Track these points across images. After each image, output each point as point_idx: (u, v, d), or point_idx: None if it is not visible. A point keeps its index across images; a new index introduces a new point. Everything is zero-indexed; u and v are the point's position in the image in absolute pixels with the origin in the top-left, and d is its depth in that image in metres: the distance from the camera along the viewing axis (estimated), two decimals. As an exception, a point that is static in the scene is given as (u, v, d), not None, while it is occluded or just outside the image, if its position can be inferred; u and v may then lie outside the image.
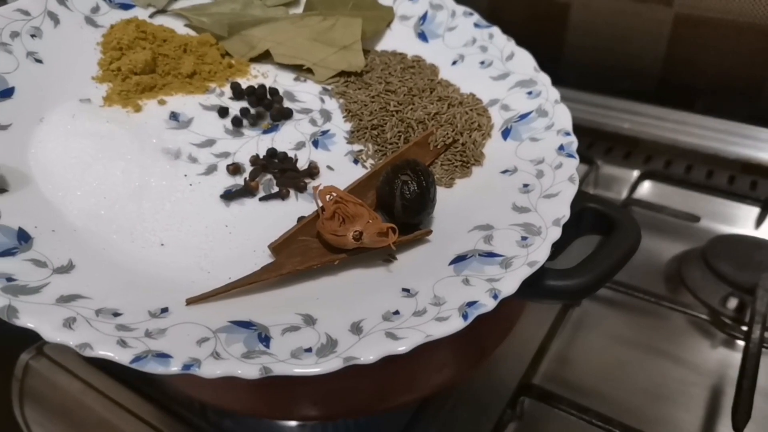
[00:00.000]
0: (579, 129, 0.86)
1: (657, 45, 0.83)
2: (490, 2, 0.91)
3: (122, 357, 0.26)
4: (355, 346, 0.27)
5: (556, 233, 0.32)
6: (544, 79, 0.45)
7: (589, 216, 0.38)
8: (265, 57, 0.51)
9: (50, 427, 0.54)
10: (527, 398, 0.49)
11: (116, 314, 0.28)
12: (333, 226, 0.32)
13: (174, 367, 0.26)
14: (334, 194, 0.33)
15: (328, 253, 0.32)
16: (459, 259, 0.32)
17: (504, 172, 0.38)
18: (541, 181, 0.36)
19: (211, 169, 0.38)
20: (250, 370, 0.26)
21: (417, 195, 0.33)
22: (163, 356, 0.26)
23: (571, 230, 0.39)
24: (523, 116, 0.42)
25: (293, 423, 0.49)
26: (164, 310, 0.29)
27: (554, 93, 0.44)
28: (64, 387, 0.53)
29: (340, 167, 0.40)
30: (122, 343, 0.27)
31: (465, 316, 0.28)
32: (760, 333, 0.51)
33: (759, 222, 0.72)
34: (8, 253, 0.29)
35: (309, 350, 0.27)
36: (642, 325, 0.58)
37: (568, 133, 0.39)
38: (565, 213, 0.33)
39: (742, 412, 0.45)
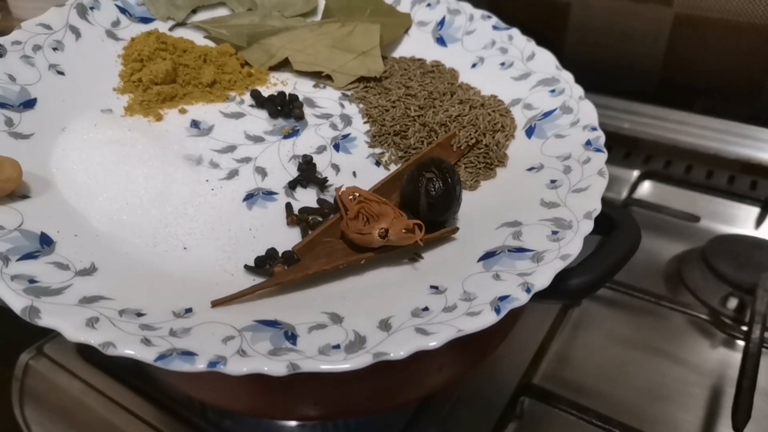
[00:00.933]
0: (579, 129, 0.87)
1: (657, 45, 0.83)
2: (490, 3, 0.91)
3: (146, 355, 0.26)
4: (384, 342, 0.26)
5: (588, 226, 0.32)
6: (567, 76, 0.45)
7: (589, 216, 0.38)
8: (284, 65, 0.51)
9: (50, 427, 0.54)
10: (527, 398, 0.49)
11: (140, 314, 0.28)
12: (358, 226, 0.32)
13: (200, 365, 0.26)
14: (357, 194, 0.33)
15: (354, 253, 0.32)
16: (488, 255, 0.31)
17: (530, 169, 0.38)
18: (569, 177, 0.36)
19: (233, 174, 0.38)
20: (277, 367, 0.26)
21: (443, 192, 0.33)
22: (188, 354, 0.26)
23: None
24: (546, 114, 0.41)
25: (293, 423, 0.49)
26: (188, 310, 0.29)
27: (578, 90, 0.44)
28: (64, 387, 0.53)
29: (363, 170, 0.40)
30: (146, 341, 0.26)
31: (498, 310, 0.28)
32: (760, 333, 0.51)
33: (759, 222, 0.72)
34: (30, 256, 0.29)
35: (337, 347, 0.26)
36: (642, 325, 0.58)
37: (594, 128, 0.40)
38: (596, 206, 0.33)
39: (742, 412, 0.46)
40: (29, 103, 0.39)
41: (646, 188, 0.78)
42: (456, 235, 0.34)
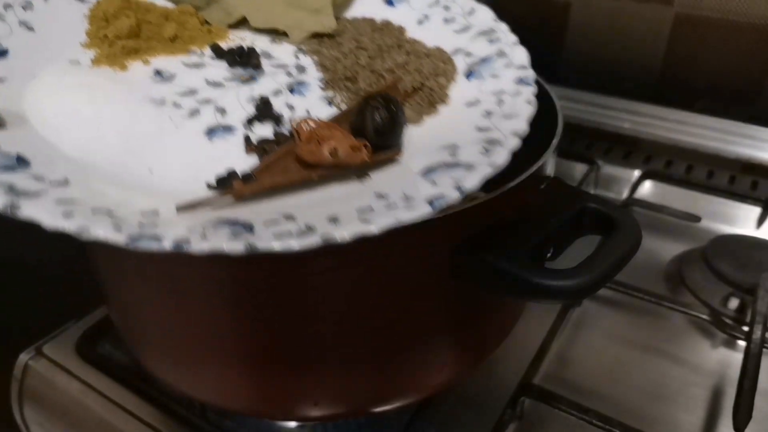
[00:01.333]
0: (579, 129, 0.87)
1: (657, 45, 0.83)
2: (490, 3, 0.91)
3: (117, 238, 0.28)
4: (330, 228, 0.30)
5: (515, 142, 0.36)
6: (503, 27, 0.49)
7: (590, 216, 0.39)
8: (242, 23, 0.53)
9: (49, 428, 0.54)
10: (527, 398, 0.49)
11: (111, 212, 0.31)
12: (310, 147, 0.35)
13: (166, 244, 0.28)
14: (311, 123, 0.37)
15: (308, 172, 0.35)
16: (427, 170, 0.35)
17: (468, 104, 0.42)
18: (502, 108, 0.40)
19: (194, 113, 0.41)
20: (236, 246, 0.28)
21: (387, 118, 0.36)
22: (155, 237, 0.29)
23: (572, 231, 0.39)
24: (484, 59, 0.46)
25: (293, 423, 0.49)
26: (155, 212, 0.32)
27: (512, 37, 0.48)
28: (63, 387, 0.53)
29: (316, 109, 0.43)
30: (117, 227, 0.29)
31: (432, 204, 0.31)
32: (761, 333, 0.51)
33: (760, 222, 0.72)
34: (9, 169, 0.32)
35: (290, 234, 0.30)
36: (642, 325, 0.58)
37: (524, 67, 0.44)
38: (523, 127, 0.37)
39: (743, 413, 0.46)
40: (1, 53, 0.42)
41: (646, 188, 0.78)
42: (400, 158, 0.38)
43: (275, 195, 0.34)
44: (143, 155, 0.37)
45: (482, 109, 0.41)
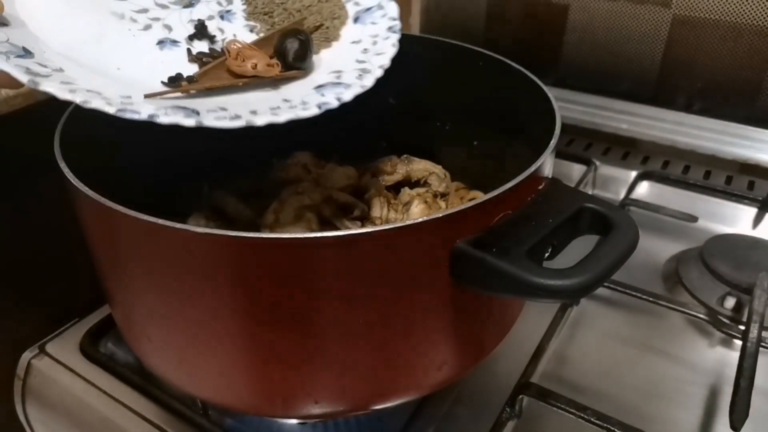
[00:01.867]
0: (577, 130, 0.88)
1: (655, 46, 0.83)
2: (489, 5, 0.91)
3: (110, 109, 0.37)
4: (250, 116, 0.41)
5: (380, 72, 0.48)
6: None
7: (587, 216, 0.39)
8: None
9: (53, 426, 0.54)
10: (526, 397, 0.50)
11: (99, 93, 0.40)
12: (237, 62, 0.47)
13: (143, 116, 0.38)
14: (238, 44, 0.49)
15: (235, 78, 0.47)
16: (319, 86, 0.47)
17: (352, 42, 0.53)
18: (374, 47, 0.52)
19: (147, 27, 0.51)
20: (189, 122, 0.38)
21: (301, 48, 0.49)
22: (135, 111, 0.38)
23: (570, 230, 0.39)
24: (367, 9, 0.56)
25: (294, 421, 0.50)
26: (128, 97, 0.41)
27: None
28: (66, 386, 0.53)
29: (240, 35, 0.54)
30: (108, 103, 0.38)
31: (319, 107, 0.43)
32: (757, 332, 0.52)
33: (756, 222, 0.72)
34: (20, 56, 0.40)
35: (224, 118, 0.41)
36: (640, 324, 0.59)
37: (395, 18, 0.54)
38: (386, 63, 0.49)
39: (739, 411, 0.46)
40: None
41: (644, 188, 0.78)
42: (301, 76, 0.49)
43: (211, 94, 0.46)
44: (111, 56, 0.47)
45: (361, 47, 0.53)
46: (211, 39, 0.54)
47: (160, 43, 0.52)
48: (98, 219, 0.38)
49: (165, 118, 0.39)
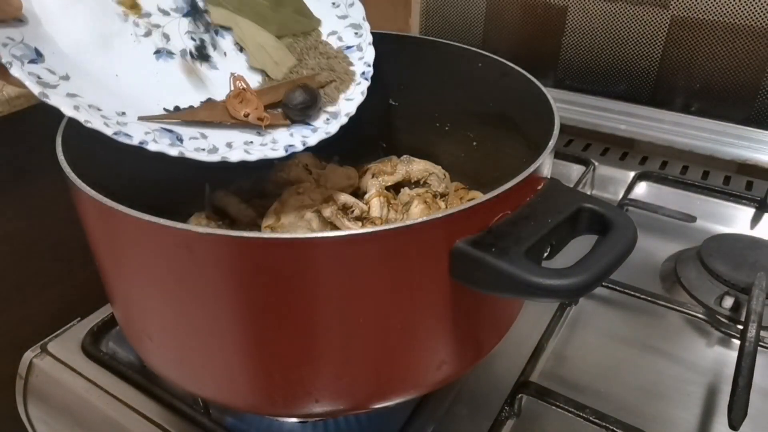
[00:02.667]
0: (576, 131, 0.88)
1: (653, 47, 0.84)
2: (489, 6, 0.91)
3: (107, 131, 0.41)
4: (226, 152, 0.46)
5: (345, 120, 0.53)
6: (367, 26, 0.60)
7: (585, 216, 0.39)
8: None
9: (54, 425, 0.54)
10: (525, 395, 0.50)
11: (98, 109, 0.43)
12: (234, 103, 0.51)
13: (135, 142, 0.42)
14: (242, 84, 0.52)
15: (228, 117, 0.50)
16: (291, 128, 0.52)
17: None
18: (345, 93, 0.56)
19: (148, 34, 0.53)
20: (173, 151, 0.43)
21: (308, 102, 0.52)
22: (128, 135, 0.42)
23: (568, 230, 0.39)
24: (348, 47, 0.59)
25: (294, 420, 0.50)
26: (123, 113, 0.45)
27: (369, 37, 0.59)
28: (67, 385, 0.53)
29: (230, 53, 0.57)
30: (106, 125, 0.42)
31: (286, 150, 0.49)
32: (755, 331, 0.52)
33: (754, 222, 0.72)
34: (33, 62, 0.42)
35: (203, 150, 0.46)
36: (638, 323, 0.59)
37: (369, 65, 0.57)
38: (352, 111, 0.54)
39: (738, 410, 0.46)
40: None
41: (642, 188, 0.78)
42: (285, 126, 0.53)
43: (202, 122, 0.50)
44: (112, 62, 0.49)
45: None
46: (208, 59, 0.56)
47: (157, 52, 0.53)
48: (100, 219, 0.38)
49: (153, 146, 0.43)
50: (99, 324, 0.58)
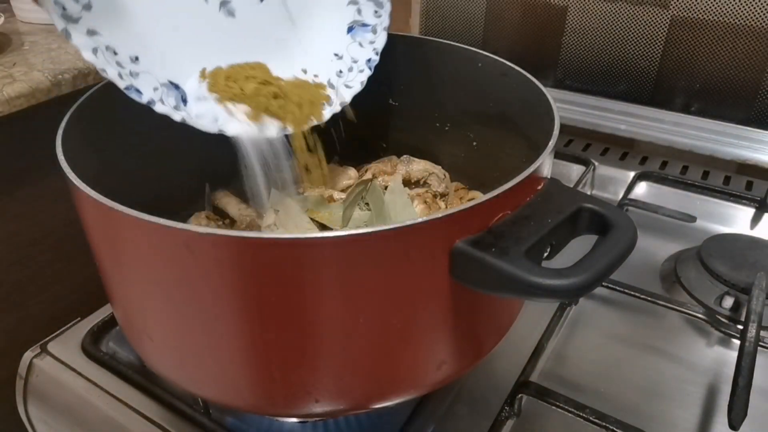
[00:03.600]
0: (576, 131, 0.88)
1: (653, 47, 0.84)
2: (489, 6, 0.91)
3: (121, 84, 0.43)
4: (225, 124, 0.48)
5: (338, 108, 0.53)
6: (389, 9, 0.57)
7: (585, 216, 0.39)
8: None
9: (54, 425, 0.54)
10: (525, 395, 0.50)
11: (115, 53, 0.44)
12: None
13: (144, 100, 0.43)
14: None
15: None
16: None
17: (335, 55, 0.57)
18: (348, 75, 0.56)
19: None
20: (176, 116, 0.45)
21: None
22: (138, 92, 0.43)
23: (568, 230, 0.39)
24: (363, 25, 0.57)
25: (294, 419, 0.50)
26: (137, 59, 0.45)
27: (387, 21, 0.57)
28: (68, 385, 0.53)
29: None
30: (120, 76, 0.43)
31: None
32: (755, 331, 0.52)
33: (754, 222, 0.73)
34: None
35: (204, 118, 0.47)
36: (638, 323, 0.59)
37: (377, 53, 0.56)
38: (347, 101, 0.54)
39: (738, 410, 0.46)
40: None
41: (642, 188, 0.78)
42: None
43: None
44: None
45: (338, 67, 0.56)
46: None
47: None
48: (100, 219, 0.38)
49: (159, 107, 0.45)
50: (99, 324, 0.58)
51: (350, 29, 0.55)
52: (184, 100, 0.47)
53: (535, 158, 0.40)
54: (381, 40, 0.57)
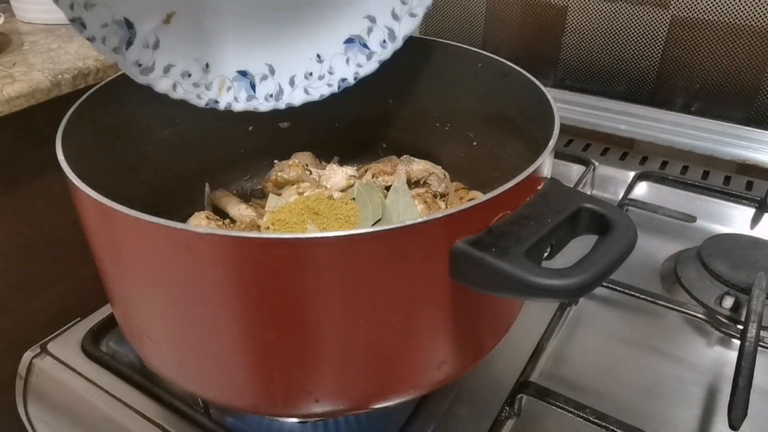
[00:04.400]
0: (576, 131, 0.88)
1: (653, 47, 0.84)
2: (489, 6, 0.91)
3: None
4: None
5: (400, 43, 0.54)
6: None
7: (585, 216, 0.39)
8: None
9: (54, 425, 0.54)
10: (525, 395, 0.50)
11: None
12: None
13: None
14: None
15: None
16: (349, 41, 0.52)
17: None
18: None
19: None
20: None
21: None
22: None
23: (568, 230, 0.39)
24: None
25: (294, 420, 0.50)
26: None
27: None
28: (67, 385, 0.53)
29: None
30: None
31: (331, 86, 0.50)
32: (755, 331, 0.52)
33: (754, 222, 0.72)
34: None
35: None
36: (638, 323, 0.59)
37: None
38: (411, 29, 0.54)
39: (738, 410, 0.46)
40: None
41: (642, 188, 0.78)
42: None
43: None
44: None
45: None
46: None
47: None
48: (99, 219, 0.38)
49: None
50: (99, 324, 0.58)
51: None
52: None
53: (535, 158, 0.40)
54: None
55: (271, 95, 0.47)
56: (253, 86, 0.47)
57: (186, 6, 0.48)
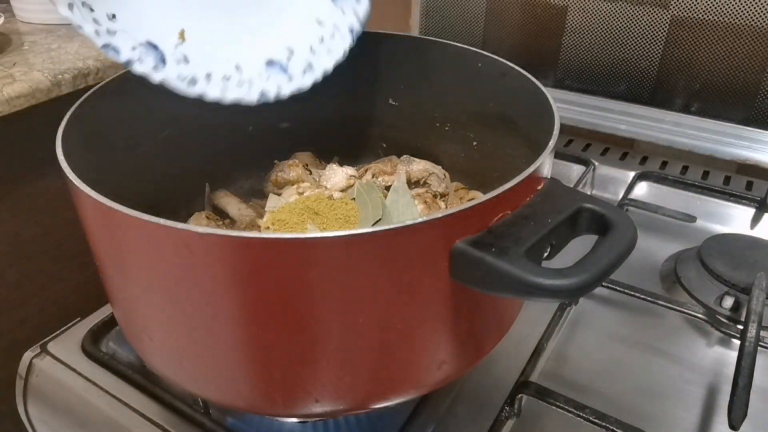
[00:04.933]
0: (576, 131, 0.88)
1: (653, 47, 0.84)
2: (489, 6, 0.91)
3: (98, 42, 0.42)
4: (205, 88, 0.50)
5: (320, 76, 0.53)
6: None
7: (585, 216, 0.39)
8: None
9: (54, 425, 0.54)
10: (525, 395, 0.50)
11: (91, 9, 0.43)
12: None
13: (122, 60, 0.43)
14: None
15: None
16: (270, 63, 0.52)
17: (317, 21, 0.56)
18: (330, 42, 0.55)
19: None
20: (156, 77, 0.45)
21: None
22: (115, 51, 0.43)
23: (568, 230, 0.39)
24: None
25: (294, 419, 0.50)
26: (114, 16, 0.45)
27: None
28: (67, 385, 0.53)
29: None
30: (97, 33, 0.42)
31: (259, 96, 0.50)
32: (755, 331, 0.52)
33: (754, 222, 0.73)
34: None
35: (184, 79, 0.47)
36: (638, 323, 0.59)
37: (360, 20, 0.55)
38: (329, 68, 0.53)
39: (738, 410, 0.46)
40: None
41: (642, 189, 0.78)
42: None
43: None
44: None
45: (320, 33, 0.55)
46: None
47: None
48: (99, 219, 0.38)
49: (137, 67, 0.44)
50: (99, 324, 0.58)
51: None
52: (164, 61, 0.46)
53: (535, 158, 0.40)
54: (363, 7, 0.56)
55: (185, 78, 0.47)
56: (163, 60, 0.46)
57: None
